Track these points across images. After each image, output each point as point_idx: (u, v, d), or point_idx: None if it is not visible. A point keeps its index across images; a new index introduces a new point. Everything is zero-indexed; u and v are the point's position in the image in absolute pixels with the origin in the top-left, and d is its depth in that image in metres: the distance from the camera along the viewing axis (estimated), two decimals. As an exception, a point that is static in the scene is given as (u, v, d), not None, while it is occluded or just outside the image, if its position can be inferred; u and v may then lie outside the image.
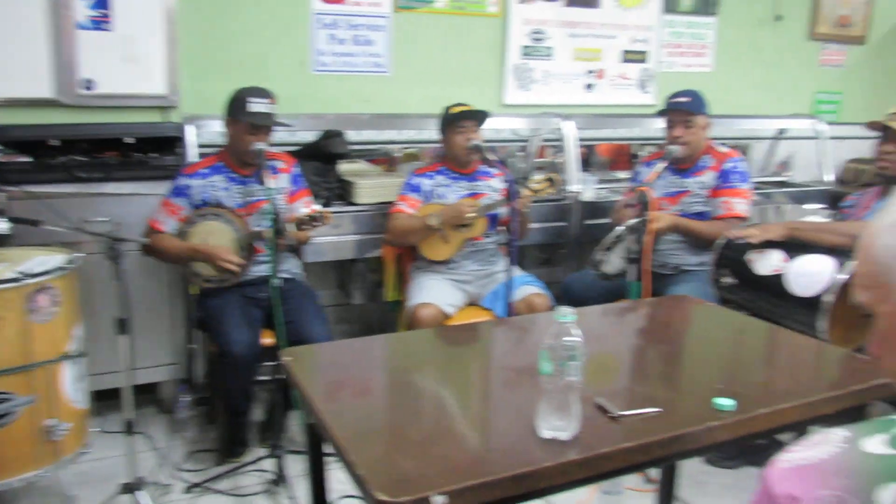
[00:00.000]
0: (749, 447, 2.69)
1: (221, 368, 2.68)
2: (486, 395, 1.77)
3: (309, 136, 3.59)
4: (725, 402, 1.49)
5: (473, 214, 2.94)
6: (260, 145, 2.71)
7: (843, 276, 2.27)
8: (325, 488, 1.78)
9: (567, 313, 1.35)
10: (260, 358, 2.73)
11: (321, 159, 3.41)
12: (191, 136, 3.19)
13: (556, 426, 1.36)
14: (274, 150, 3.02)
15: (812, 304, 2.31)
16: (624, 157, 4.87)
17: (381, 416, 1.57)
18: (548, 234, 3.66)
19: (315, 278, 3.75)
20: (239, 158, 2.86)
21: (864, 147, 5.21)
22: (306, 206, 2.96)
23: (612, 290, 3.06)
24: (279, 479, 2.67)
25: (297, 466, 2.69)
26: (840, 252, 2.39)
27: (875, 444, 0.74)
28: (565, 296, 3.23)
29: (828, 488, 0.73)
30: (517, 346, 2.05)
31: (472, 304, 3.14)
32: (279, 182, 2.93)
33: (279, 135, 3.47)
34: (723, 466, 2.78)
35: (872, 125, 2.71)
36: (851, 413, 1.65)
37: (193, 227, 2.80)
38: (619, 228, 2.84)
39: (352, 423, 1.48)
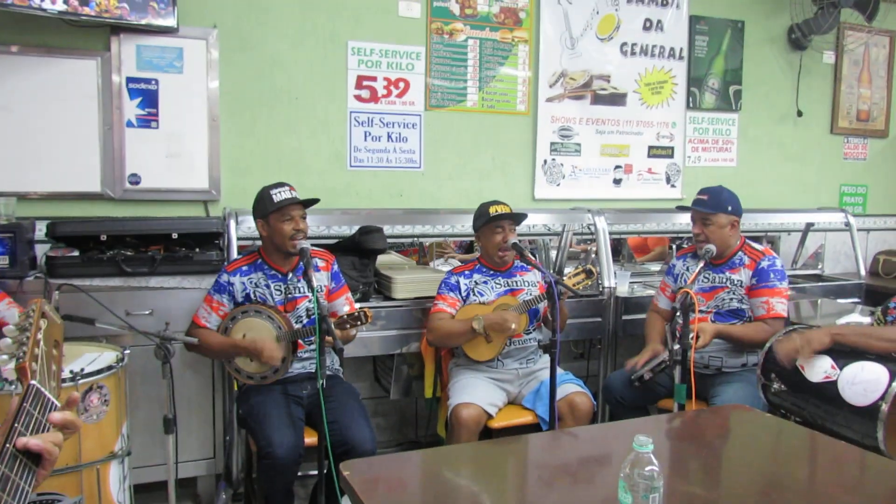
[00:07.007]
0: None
1: (263, 469, 2.65)
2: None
3: (344, 231, 3.66)
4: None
5: (515, 325, 2.93)
6: (304, 244, 2.76)
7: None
8: None
9: (645, 442, 1.35)
10: (301, 458, 2.70)
11: (358, 254, 3.45)
12: (232, 231, 3.27)
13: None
14: (313, 247, 3.07)
15: (867, 412, 2.28)
16: (648, 247, 4.94)
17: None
18: (584, 329, 3.66)
19: (350, 371, 3.75)
20: (279, 253, 2.89)
21: (892, 238, 5.27)
22: (347, 303, 3.00)
23: (653, 390, 3.05)
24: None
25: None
26: (890, 359, 2.37)
27: None
28: (607, 394, 3.21)
29: None
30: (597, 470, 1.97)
31: (512, 402, 3.11)
32: (320, 279, 2.95)
33: (315, 229, 3.54)
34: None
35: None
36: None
37: (236, 323, 2.82)
38: (664, 355, 2.89)
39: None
